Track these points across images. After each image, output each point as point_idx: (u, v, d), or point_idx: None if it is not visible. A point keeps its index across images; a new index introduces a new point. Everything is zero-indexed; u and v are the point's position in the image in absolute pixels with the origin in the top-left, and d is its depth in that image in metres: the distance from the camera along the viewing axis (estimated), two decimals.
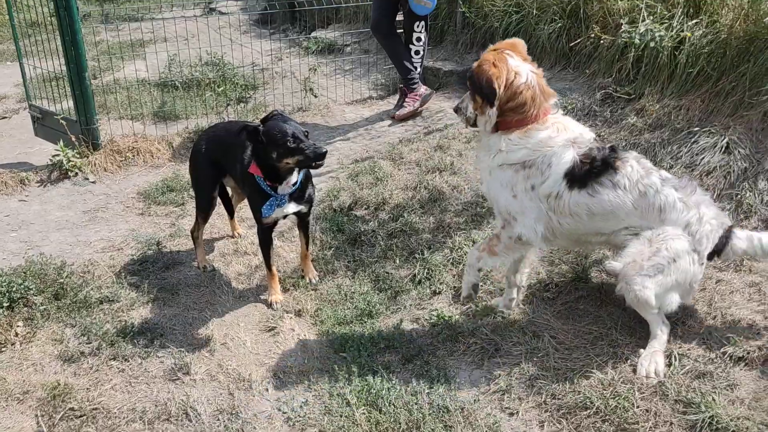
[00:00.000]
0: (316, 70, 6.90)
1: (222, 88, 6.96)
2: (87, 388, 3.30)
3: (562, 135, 3.07)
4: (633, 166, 3.06)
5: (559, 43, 6.01)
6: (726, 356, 3.03)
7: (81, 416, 3.13)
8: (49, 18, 5.95)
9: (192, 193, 4.56)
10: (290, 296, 4.02)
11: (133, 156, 5.92)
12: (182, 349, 3.54)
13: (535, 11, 6.21)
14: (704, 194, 3.11)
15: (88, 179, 5.65)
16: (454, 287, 3.95)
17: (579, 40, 5.78)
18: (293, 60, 8.12)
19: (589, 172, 3.04)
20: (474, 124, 3.31)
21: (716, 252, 3.03)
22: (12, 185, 5.47)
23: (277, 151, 3.44)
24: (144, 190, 5.41)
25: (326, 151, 3.45)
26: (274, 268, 3.95)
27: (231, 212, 4.59)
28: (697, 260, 2.99)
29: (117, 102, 7.06)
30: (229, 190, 4.46)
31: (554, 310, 3.61)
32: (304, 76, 6.91)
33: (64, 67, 5.72)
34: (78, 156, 5.70)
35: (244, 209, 4.73)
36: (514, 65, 3.06)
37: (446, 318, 3.68)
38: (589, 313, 3.52)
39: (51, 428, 3.05)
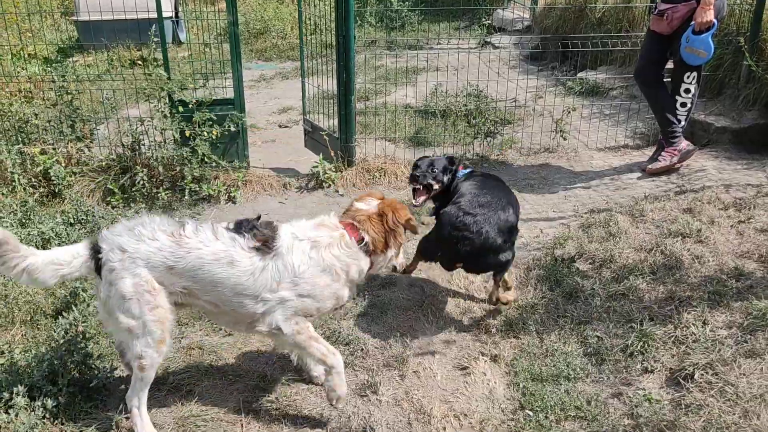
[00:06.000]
0: (570, 111, 6.72)
1: (476, 120, 7.13)
2: (286, 383, 3.62)
3: None
4: None
5: None
6: None
7: (277, 409, 3.43)
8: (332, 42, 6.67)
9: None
10: (489, 338, 3.97)
11: (380, 176, 6.34)
12: (376, 368, 3.71)
13: None
14: None
15: (338, 192, 6.19)
16: (671, 369, 3.55)
17: None
18: (554, 99, 8.00)
19: None
20: None
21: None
22: (276, 188, 6.23)
23: None
24: None
25: None
26: None
27: None
28: None
29: (378, 123, 7.63)
30: None
31: None
32: (558, 117, 6.77)
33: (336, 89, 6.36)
34: (333, 170, 6.29)
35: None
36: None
37: (654, 401, 3.32)
38: None
39: (247, 413, 3.40)
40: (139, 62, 9.14)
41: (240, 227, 3.10)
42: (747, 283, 4.04)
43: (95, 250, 3.00)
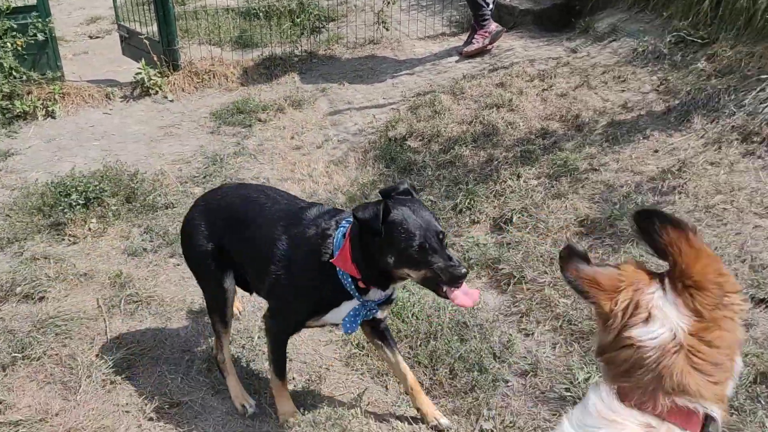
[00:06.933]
0: (391, 3, 6.94)
1: (300, 19, 7.13)
2: (145, 278, 3.68)
3: None
4: None
5: None
6: (747, 297, 3.03)
7: (137, 301, 3.50)
8: None
9: None
10: None
11: (209, 78, 6.24)
12: None
13: None
14: None
15: (167, 98, 6.02)
16: (493, 218, 4.06)
17: None
18: None
19: None
20: None
21: None
22: (98, 99, 5.92)
23: (395, 257, 2.39)
24: (216, 110, 5.73)
25: (466, 273, 2.37)
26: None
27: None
28: None
29: (199, 27, 7.38)
30: None
31: (585, 244, 3.67)
32: (379, 9, 6.98)
33: None
34: (159, 75, 6.07)
35: None
36: None
37: (481, 245, 3.81)
38: (617, 251, 3.55)
39: (110, 308, 3.44)
40: None
41: None
42: (551, 140, 4.62)
43: None
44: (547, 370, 3.01)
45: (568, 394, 2.86)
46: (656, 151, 4.19)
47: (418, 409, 2.84)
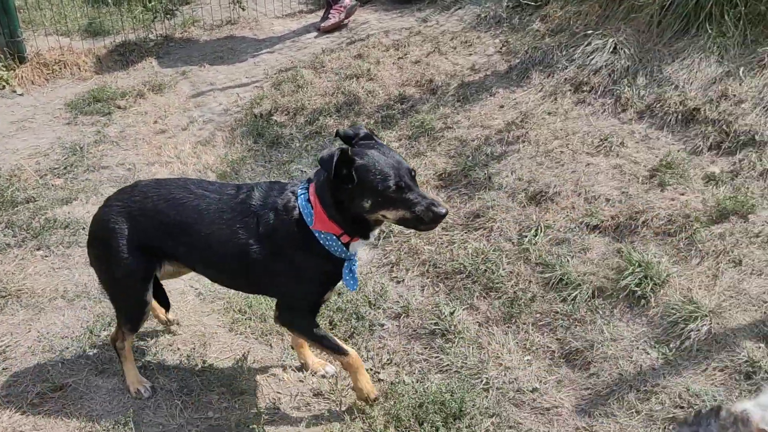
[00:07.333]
0: None
1: (152, 3, 6.97)
2: (12, 273, 3.58)
3: None
4: None
5: None
6: (583, 225, 3.44)
7: (6, 296, 3.41)
8: None
9: None
10: None
11: (60, 69, 5.99)
12: None
13: None
14: None
15: (15, 92, 5.73)
16: None
17: None
18: None
19: None
20: None
21: None
22: None
23: (372, 200, 2.39)
24: (71, 101, 5.54)
25: (446, 212, 2.41)
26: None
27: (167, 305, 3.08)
28: None
29: (44, 18, 7.02)
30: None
31: (444, 196, 3.97)
32: None
33: None
34: (5, 69, 5.76)
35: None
36: None
37: None
38: (471, 198, 3.88)
39: None
40: None
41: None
42: (409, 104, 4.89)
43: None
44: (418, 310, 3.28)
45: (437, 327, 3.15)
46: (502, 107, 4.57)
47: (303, 363, 3.02)
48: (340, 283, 2.60)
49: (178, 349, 3.14)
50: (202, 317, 3.36)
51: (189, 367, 3.03)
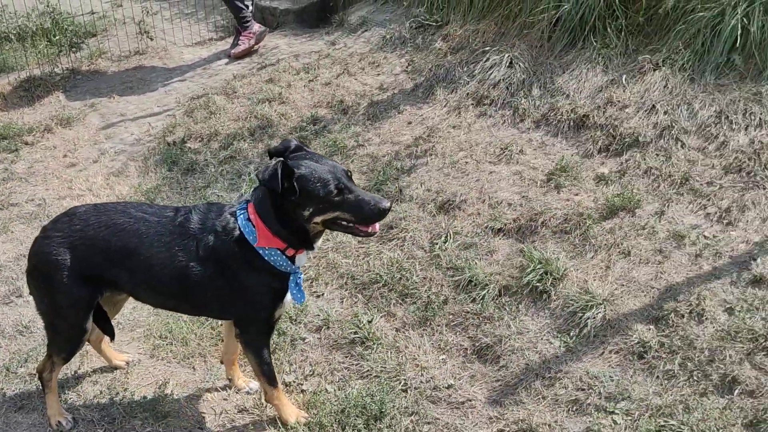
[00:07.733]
0: (150, 13, 6.94)
1: (57, 37, 6.86)
2: None
3: None
4: None
5: None
6: (488, 229, 3.66)
7: None
8: None
9: None
10: None
11: None
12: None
13: None
14: None
15: None
16: None
17: None
18: (132, 6, 8.05)
19: None
20: None
21: None
22: None
23: (314, 207, 2.43)
24: None
25: (390, 205, 2.49)
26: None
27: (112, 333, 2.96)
28: None
29: None
30: None
31: None
32: (139, 19, 6.95)
33: None
34: None
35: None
36: None
37: None
38: None
39: None
40: None
41: None
42: (321, 124, 5.04)
43: None
44: (338, 321, 3.40)
45: (356, 336, 3.27)
46: (410, 123, 4.78)
47: (230, 379, 3.06)
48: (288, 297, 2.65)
49: (98, 381, 3.13)
50: (122, 346, 3.36)
51: (110, 396, 3.03)
